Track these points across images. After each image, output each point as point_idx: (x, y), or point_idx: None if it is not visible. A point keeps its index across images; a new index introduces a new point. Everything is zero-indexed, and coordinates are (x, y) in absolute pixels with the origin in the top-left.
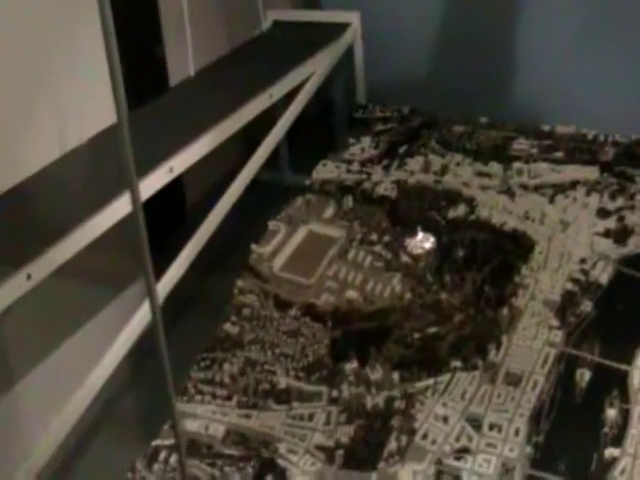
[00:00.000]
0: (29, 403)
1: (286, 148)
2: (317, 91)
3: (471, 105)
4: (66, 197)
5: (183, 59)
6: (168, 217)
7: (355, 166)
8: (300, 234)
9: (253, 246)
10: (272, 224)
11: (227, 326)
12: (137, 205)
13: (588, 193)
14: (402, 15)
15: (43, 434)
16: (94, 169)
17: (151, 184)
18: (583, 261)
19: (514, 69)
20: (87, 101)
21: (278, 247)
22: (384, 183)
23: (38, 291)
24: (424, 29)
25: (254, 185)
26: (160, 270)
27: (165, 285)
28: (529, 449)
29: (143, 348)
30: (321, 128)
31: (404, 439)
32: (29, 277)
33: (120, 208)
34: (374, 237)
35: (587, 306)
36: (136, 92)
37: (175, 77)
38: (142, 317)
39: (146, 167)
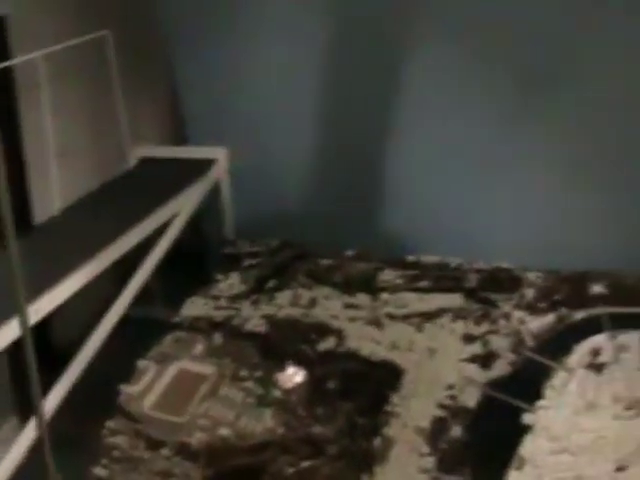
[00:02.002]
0: None
1: (156, 284)
2: (186, 227)
3: (338, 237)
4: None
5: (48, 197)
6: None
7: (224, 302)
8: (170, 372)
9: (123, 386)
10: (142, 362)
11: (97, 469)
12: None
13: (454, 320)
14: (268, 150)
15: None
16: None
17: (16, 327)
18: (451, 387)
19: (379, 202)
20: None
21: (148, 386)
22: (254, 318)
23: None
24: (290, 164)
25: (125, 321)
26: (29, 412)
27: (34, 426)
28: None
29: None
30: (191, 263)
31: None
32: None
33: None
34: (245, 373)
35: (457, 431)
36: None
37: (40, 215)
38: (12, 459)
39: (11, 310)
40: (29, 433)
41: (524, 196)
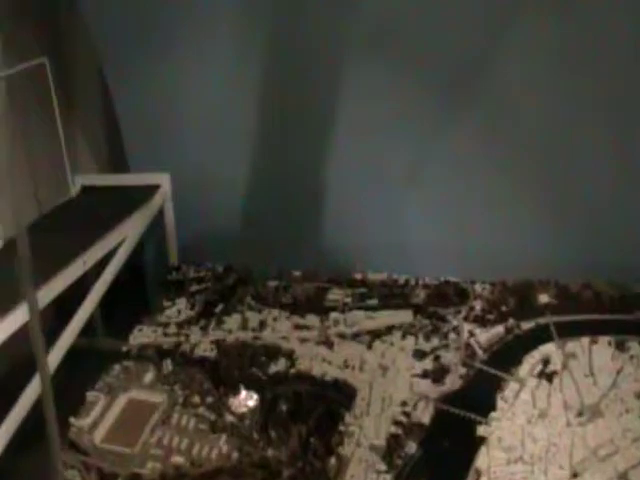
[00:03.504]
0: None
1: (99, 314)
2: (130, 254)
3: (284, 259)
4: None
5: None
6: None
7: (172, 329)
8: (120, 402)
9: (72, 419)
10: (90, 394)
11: None
12: None
13: (404, 336)
14: (211, 174)
15: None
16: None
17: None
18: (404, 403)
19: (323, 221)
20: None
21: (98, 418)
22: (203, 344)
23: None
24: (234, 188)
25: (71, 353)
26: None
27: None
28: None
29: None
30: (135, 292)
31: None
32: None
33: None
34: (197, 399)
35: (412, 447)
36: None
37: None
38: None
39: None
40: None
41: (467, 210)
